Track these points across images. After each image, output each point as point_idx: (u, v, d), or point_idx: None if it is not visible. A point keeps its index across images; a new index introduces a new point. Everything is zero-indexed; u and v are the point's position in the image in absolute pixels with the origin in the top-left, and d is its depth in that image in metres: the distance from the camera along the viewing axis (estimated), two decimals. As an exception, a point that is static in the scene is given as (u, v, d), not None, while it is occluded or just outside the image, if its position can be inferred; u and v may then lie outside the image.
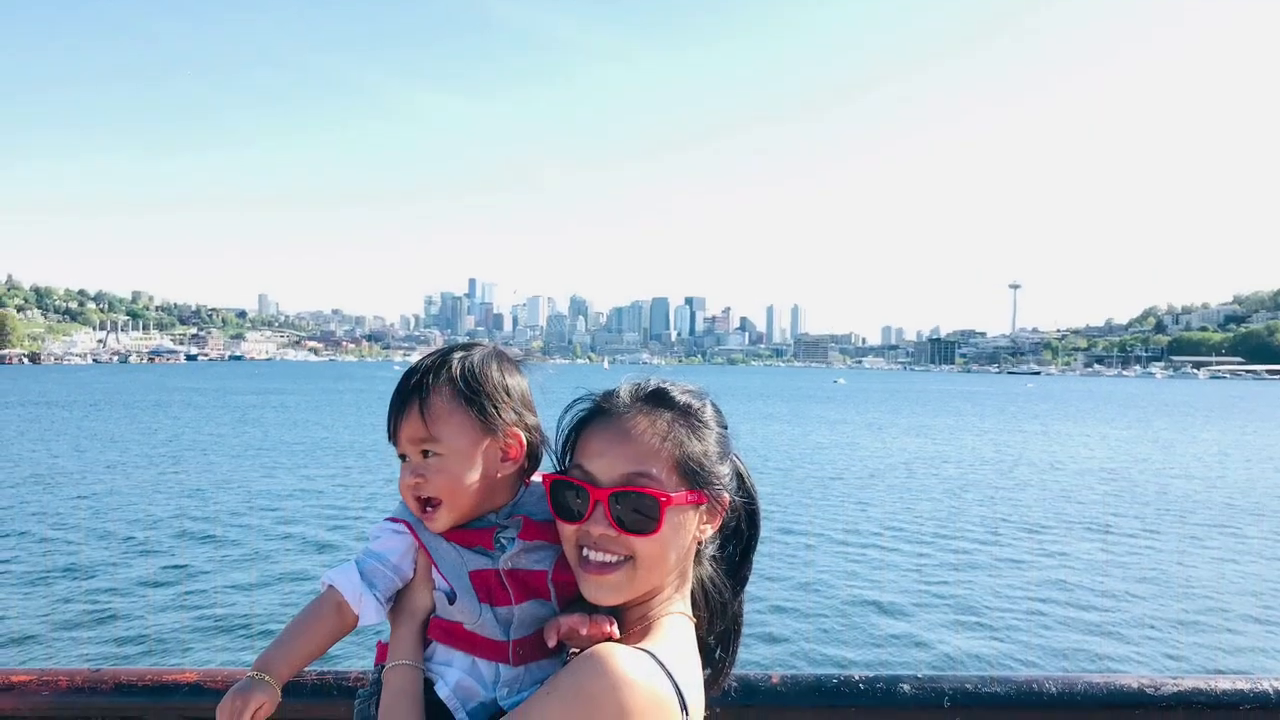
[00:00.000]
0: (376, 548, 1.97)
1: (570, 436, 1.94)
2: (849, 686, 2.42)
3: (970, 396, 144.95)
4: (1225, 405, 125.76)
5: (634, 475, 1.81)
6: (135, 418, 68.17)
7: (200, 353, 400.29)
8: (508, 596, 1.90)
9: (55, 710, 2.40)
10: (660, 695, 1.69)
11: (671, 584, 1.91)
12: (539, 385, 2.08)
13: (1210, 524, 28.32)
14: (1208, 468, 45.22)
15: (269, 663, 1.87)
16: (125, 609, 16.77)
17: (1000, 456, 49.49)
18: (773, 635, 15.54)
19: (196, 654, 14.42)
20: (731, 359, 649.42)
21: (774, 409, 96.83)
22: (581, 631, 1.84)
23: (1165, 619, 17.61)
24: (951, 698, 2.41)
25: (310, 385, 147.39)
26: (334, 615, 1.91)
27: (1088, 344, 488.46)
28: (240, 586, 18.56)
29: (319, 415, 75.08)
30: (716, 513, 1.94)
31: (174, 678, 2.42)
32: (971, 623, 17.03)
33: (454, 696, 1.87)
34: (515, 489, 2.01)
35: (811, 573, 20.34)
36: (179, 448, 46.73)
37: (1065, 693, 2.42)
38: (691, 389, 1.97)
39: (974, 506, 31.04)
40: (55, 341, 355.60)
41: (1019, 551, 23.62)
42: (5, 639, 14.93)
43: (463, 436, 1.93)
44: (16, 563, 20.18)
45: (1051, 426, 75.38)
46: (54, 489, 31.31)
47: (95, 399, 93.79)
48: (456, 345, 2.06)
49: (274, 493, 31.28)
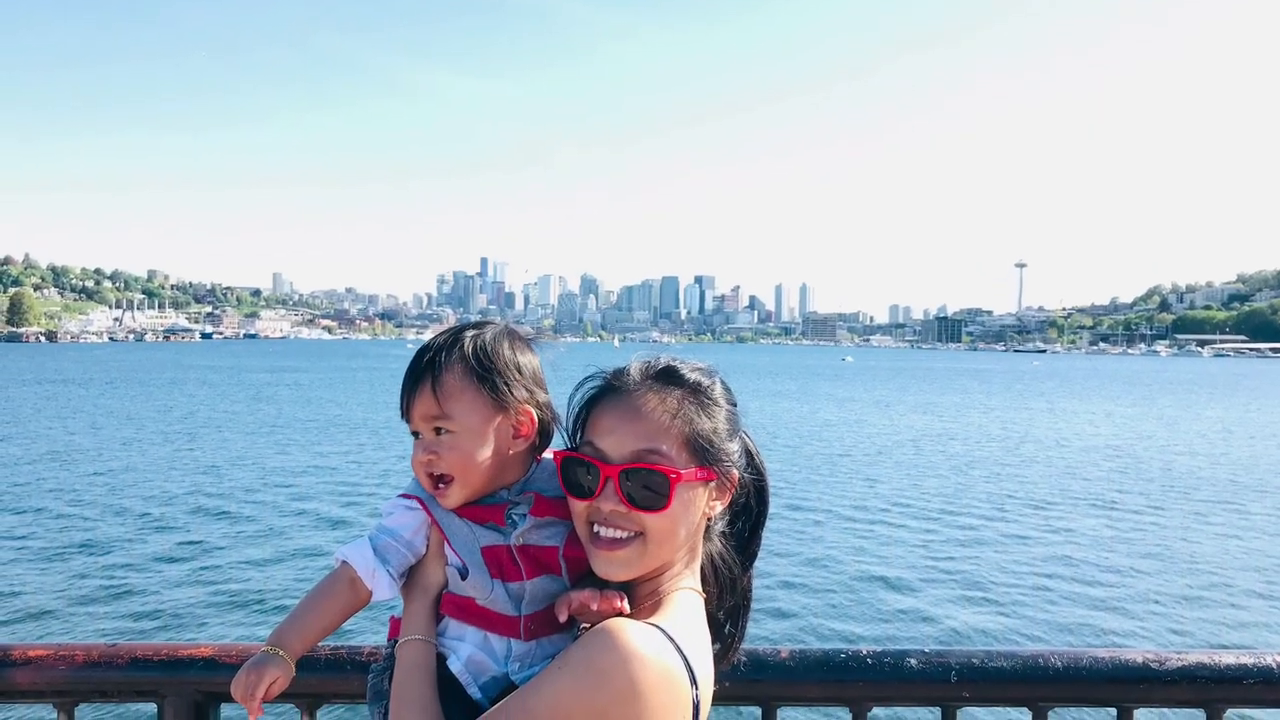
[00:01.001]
0: (389, 524, 1.98)
1: (581, 414, 1.94)
2: (857, 661, 2.42)
3: (977, 374, 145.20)
4: (1229, 383, 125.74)
5: (644, 452, 1.82)
6: (151, 395, 68.48)
7: (215, 331, 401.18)
8: (519, 572, 1.91)
9: (72, 684, 2.40)
10: (670, 669, 1.70)
11: (681, 560, 1.92)
12: (550, 363, 2.09)
13: (1214, 500, 28.38)
14: (1212, 445, 45.25)
15: (283, 637, 1.88)
16: (141, 584, 16.90)
17: (1006, 434, 49.59)
18: (782, 610, 15.63)
19: (212, 629, 14.54)
20: (740, 337, 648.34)
21: (783, 387, 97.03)
22: (592, 606, 1.85)
23: (1170, 594, 17.68)
24: (958, 672, 2.41)
25: (324, 363, 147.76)
26: (347, 591, 1.93)
27: (1093, 322, 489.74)
28: (255, 562, 18.68)
29: (333, 393, 75.30)
30: (726, 489, 1.94)
31: (189, 652, 2.42)
32: (978, 598, 17.10)
33: (466, 671, 1.88)
34: (527, 466, 2.02)
35: (820, 549, 20.42)
36: (194, 425, 46.95)
37: (1071, 667, 2.42)
38: (701, 367, 1.98)
39: (980, 483, 31.09)
40: (72, 320, 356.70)
41: (1025, 527, 23.70)
42: (23, 614, 15.07)
43: (475, 414, 1.94)
44: (34, 539, 20.33)
45: (1057, 404, 75.54)
46: (70, 466, 31.51)
47: (111, 377, 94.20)
48: (468, 324, 2.07)
49: (288, 469, 31.42)
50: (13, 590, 16.36)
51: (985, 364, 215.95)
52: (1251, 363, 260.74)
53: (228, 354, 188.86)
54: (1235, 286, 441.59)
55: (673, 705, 1.70)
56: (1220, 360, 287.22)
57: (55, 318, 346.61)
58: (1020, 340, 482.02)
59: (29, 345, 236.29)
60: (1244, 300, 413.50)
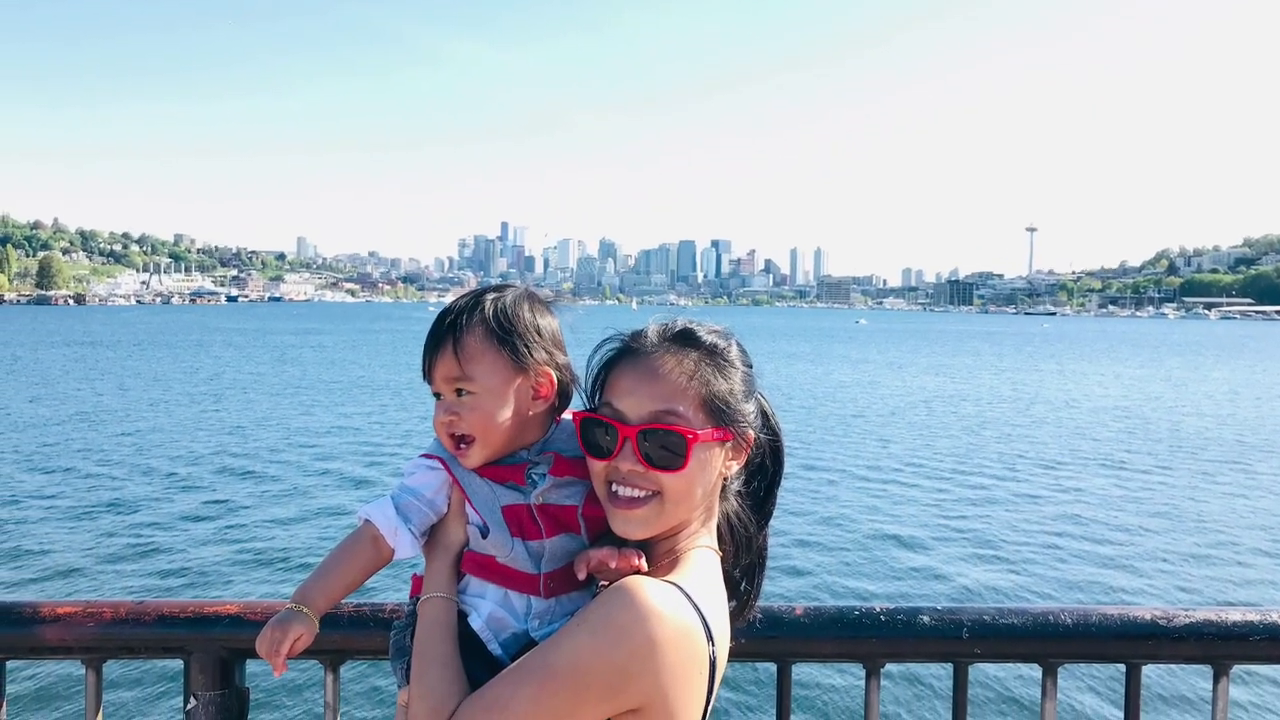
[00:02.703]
0: (411, 483, 1.99)
1: (600, 375, 1.95)
2: (870, 618, 2.44)
3: (988, 337, 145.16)
4: (1236, 345, 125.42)
5: (662, 413, 1.83)
6: (177, 357, 68.97)
7: (240, 294, 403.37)
8: (539, 531, 1.92)
9: (100, 641, 2.43)
10: (687, 626, 1.72)
11: (698, 519, 1.93)
12: (569, 326, 2.09)
13: (1221, 460, 28.40)
14: (1219, 406, 45.20)
15: (307, 595, 1.90)
16: (168, 543, 17.09)
17: (1017, 395, 49.66)
18: (797, 568, 15.73)
19: (237, 586, 14.71)
20: (756, 300, 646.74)
21: (797, 348, 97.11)
22: (611, 564, 1.86)
23: (1178, 553, 17.74)
24: (970, 629, 2.42)
25: (347, 326, 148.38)
26: (370, 549, 1.95)
27: (1102, 286, 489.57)
28: (279, 521, 18.86)
29: (356, 355, 75.65)
30: (741, 449, 1.95)
31: (215, 609, 2.44)
32: (989, 556, 17.19)
33: (487, 628, 1.90)
34: (546, 426, 2.03)
35: (834, 508, 20.51)
36: (220, 386, 47.29)
37: (1080, 624, 2.44)
38: (717, 329, 1.98)
39: (991, 443, 31.15)
40: (100, 283, 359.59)
41: (1035, 487, 23.77)
42: (52, 572, 15.27)
43: (495, 375, 1.95)
44: (63, 498, 20.58)
45: (1067, 366, 75.48)
46: (98, 426, 31.82)
47: (139, 339, 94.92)
48: (489, 287, 2.06)
49: (312, 430, 31.63)
50: (42, 549, 16.58)
51: (996, 326, 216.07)
52: (1257, 325, 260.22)
53: (253, 317, 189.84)
54: (1242, 250, 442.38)
55: (690, 661, 1.72)
56: (1227, 323, 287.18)
57: (83, 281, 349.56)
58: (1030, 303, 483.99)
59: (58, 308, 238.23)
60: (1250, 264, 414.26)
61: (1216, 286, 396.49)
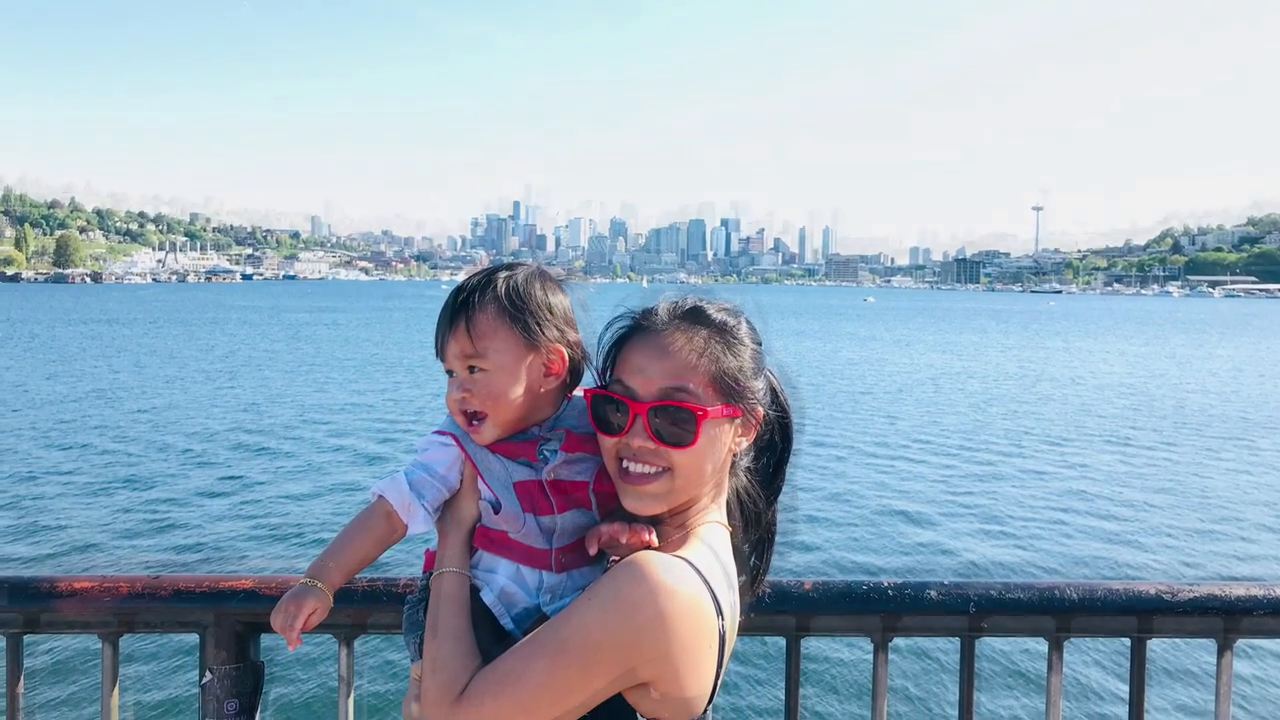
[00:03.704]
0: (424, 459, 2.00)
1: (610, 352, 1.96)
2: (878, 593, 2.46)
3: (994, 314, 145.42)
4: (1240, 323, 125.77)
5: (672, 390, 1.84)
6: (193, 335, 69.23)
7: (255, 272, 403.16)
8: (550, 506, 1.93)
9: (117, 615, 2.45)
10: (697, 600, 1.74)
11: (708, 494, 1.94)
12: (580, 303, 2.09)
13: (1225, 436, 28.47)
14: (1223, 383, 45.34)
15: (321, 570, 1.92)
16: (183, 518, 17.21)
17: (1023, 372, 49.79)
18: (805, 544, 15.80)
19: (252, 561, 14.80)
20: (765, 278, 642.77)
21: (806, 326, 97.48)
22: (621, 539, 1.88)
23: (1182, 528, 17.83)
24: (976, 604, 2.44)
25: (361, 304, 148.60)
26: (383, 524, 1.96)
27: (1107, 264, 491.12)
28: (293, 497, 18.96)
29: (369, 332, 75.82)
30: (751, 426, 1.96)
31: (230, 584, 2.45)
32: (996, 531, 17.27)
33: (499, 602, 1.92)
34: (558, 403, 2.04)
35: (842, 484, 20.57)
36: (235, 364, 47.48)
37: (1085, 599, 2.45)
38: (727, 307, 1.98)
39: (998, 420, 31.23)
40: (117, 261, 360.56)
41: (1041, 463, 23.84)
42: (69, 547, 15.39)
43: (508, 352, 1.95)
44: (79, 474, 20.71)
45: (1073, 343, 75.76)
46: (115, 403, 32.00)
47: (155, 317, 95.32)
48: (502, 265, 2.07)
49: (326, 407, 31.75)
50: (59, 524, 16.71)
51: (1002, 304, 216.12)
52: (1261, 303, 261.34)
53: (267, 295, 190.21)
54: (1246, 229, 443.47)
55: (700, 634, 1.74)
56: (1231, 301, 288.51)
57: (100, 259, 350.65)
58: (1036, 281, 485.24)
59: (75, 286, 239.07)
60: (1255, 242, 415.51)
61: (1221, 265, 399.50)
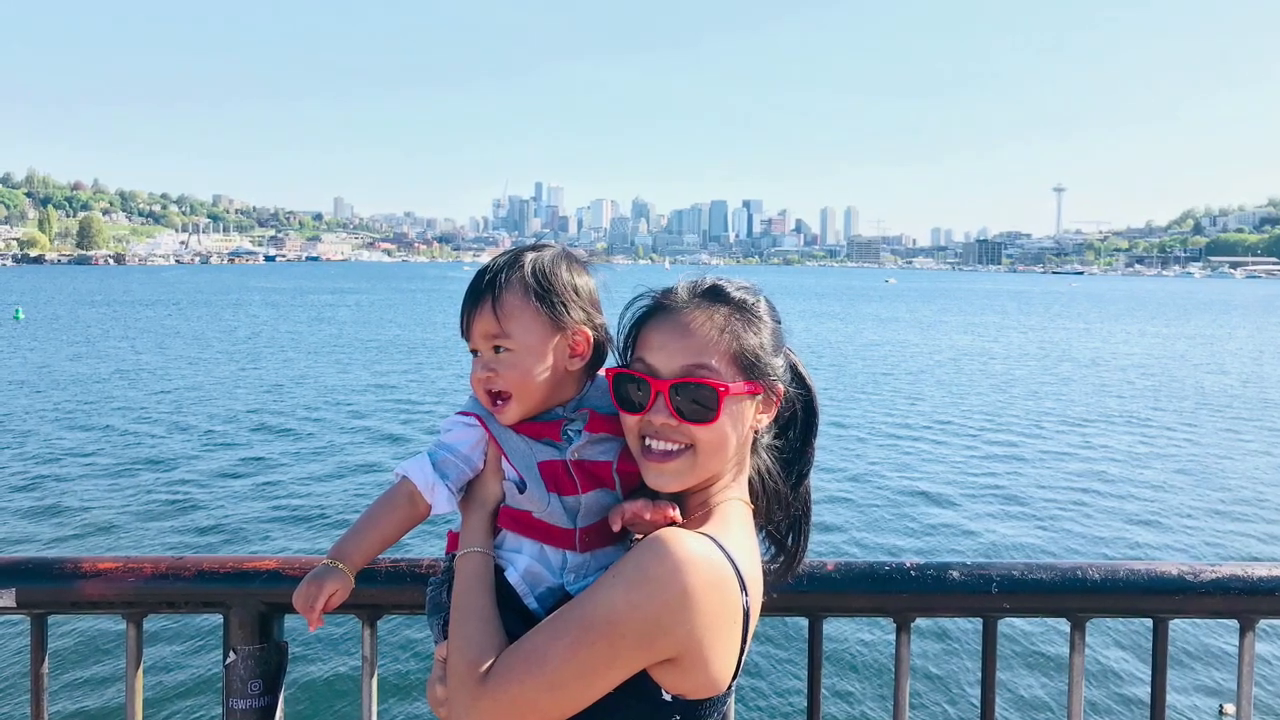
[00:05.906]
0: (448, 440, 2.00)
1: (631, 331, 1.97)
2: (900, 574, 2.44)
3: (1016, 296, 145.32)
4: (1261, 304, 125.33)
5: (693, 367, 1.84)
6: (216, 316, 69.69)
7: (278, 254, 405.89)
8: (574, 486, 1.93)
9: (140, 596, 2.45)
10: (721, 576, 1.74)
11: (730, 472, 1.95)
12: (603, 284, 2.09)
13: (1246, 418, 28.42)
14: (1244, 364, 45.21)
15: (343, 551, 1.92)
16: (206, 499, 17.35)
17: (1044, 353, 49.80)
18: (827, 524, 15.87)
19: (275, 542, 14.93)
20: (787, 260, 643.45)
21: (828, 308, 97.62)
22: (645, 516, 1.88)
23: (1203, 509, 17.80)
24: (999, 584, 2.43)
25: (383, 285, 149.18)
26: (407, 505, 1.96)
27: (1129, 245, 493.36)
28: (316, 477, 19.09)
29: (392, 314, 76.17)
30: (771, 403, 1.97)
31: (253, 565, 2.46)
32: (1017, 513, 17.31)
33: (523, 582, 1.92)
34: (582, 384, 2.04)
35: (864, 464, 20.61)
36: (258, 345, 47.79)
37: (1108, 579, 2.44)
38: (746, 285, 1.99)
39: (1019, 401, 31.25)
40: (139, 243, 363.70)
41: (1062, 444, 23.83)
42: (93, 528, 15.56)
43: (533, 333, 1.96)
44: (103, 455, 20.91)
45: (1094, 324, 75.60)
46: (138, 384, 32.26)
47: (178, 298, 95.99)
48: (527, 246, 2.07)
49: (348, 388, 31.93)
50: (83, 505, 16.89)
51: (1024, 285, 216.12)
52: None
53: (290, 276, 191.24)
54: (1267, 210, 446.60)
55: (724, 611, 1.74)
56: (1252, 282, 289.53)
57: (123, 241, 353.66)
58: (1058, 263, 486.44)
59: (98, 268, 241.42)
60: (1276, 223, 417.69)
61: (1242, 246, 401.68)
